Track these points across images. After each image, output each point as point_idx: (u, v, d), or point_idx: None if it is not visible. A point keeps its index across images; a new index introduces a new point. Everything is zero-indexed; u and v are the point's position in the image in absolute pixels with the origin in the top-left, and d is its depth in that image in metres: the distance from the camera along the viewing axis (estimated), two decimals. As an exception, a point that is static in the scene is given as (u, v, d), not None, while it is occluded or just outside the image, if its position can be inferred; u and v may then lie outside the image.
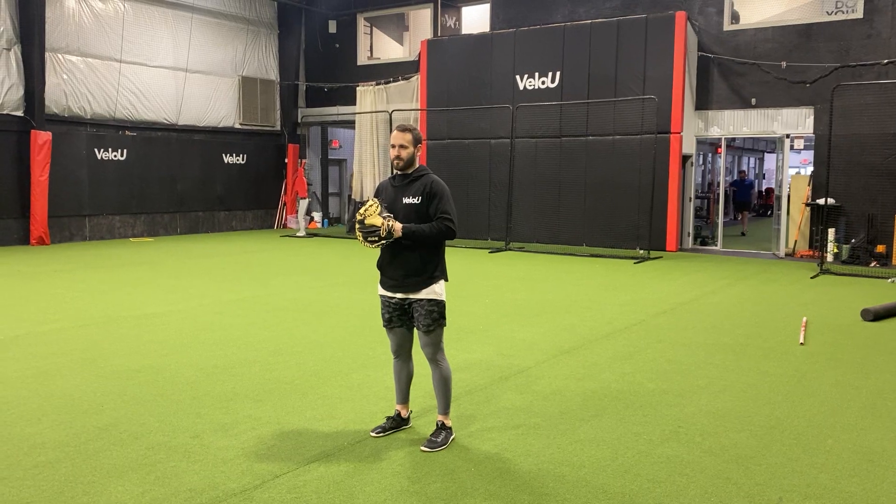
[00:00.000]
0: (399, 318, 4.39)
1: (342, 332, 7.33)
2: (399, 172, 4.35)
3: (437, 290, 4.29)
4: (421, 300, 4.27)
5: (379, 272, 4.42)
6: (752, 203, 24.73)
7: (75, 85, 15.97)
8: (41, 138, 15.11)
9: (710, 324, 7.87)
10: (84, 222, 16.49)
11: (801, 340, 7.04)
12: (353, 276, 11.35)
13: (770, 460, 4.13)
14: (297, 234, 18.21)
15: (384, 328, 4.50)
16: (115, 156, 16.87)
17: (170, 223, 18.23)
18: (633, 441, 4.40)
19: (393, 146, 4.30)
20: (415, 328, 4.38)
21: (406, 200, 4.27)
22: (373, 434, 4.43)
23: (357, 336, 7.16)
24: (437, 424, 4.41)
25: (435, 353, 4.34)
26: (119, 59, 16.69)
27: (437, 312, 4.28)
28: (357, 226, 4.17)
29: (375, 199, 4.21)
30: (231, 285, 10.31)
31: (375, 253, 4.36)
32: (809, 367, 6.15)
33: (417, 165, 4.33)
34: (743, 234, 19.28)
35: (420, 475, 3.90)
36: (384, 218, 4.12)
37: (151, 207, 17.76)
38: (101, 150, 16.61)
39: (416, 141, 4.31)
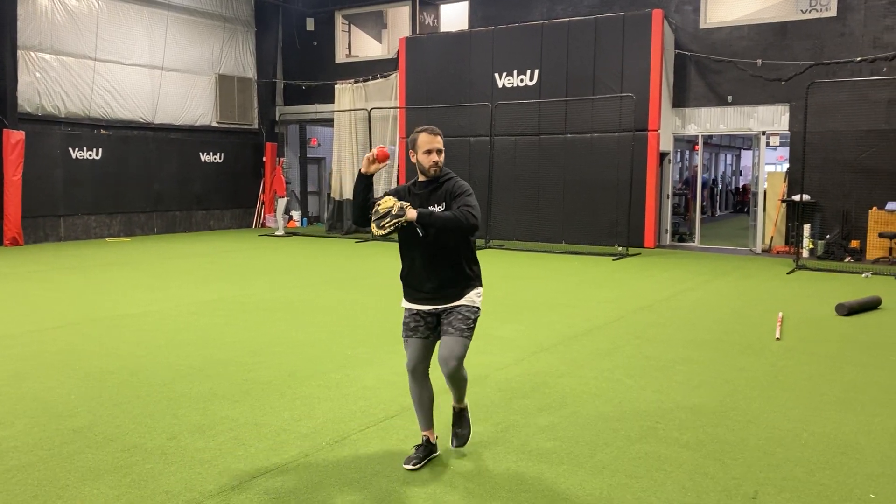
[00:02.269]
0: (426, 329, 3.94)
1: (321, 332, 7.29)
2: (424, 178, 3.94)
3: (473, 298, 3.92)
4: (458, 306, 3.89)
5: (403, 284, 3.99)
6: (703, 204, 22.58)
7: (49, 83, 15.75)
8: (14, 138, 14.88)
9: (688, 320, 7.93)
10: (59, 222, 16.28)
11: (777, 335, 7.12)
12: (333, 276, 11.31)
13: (746, 454, 4.16)
14: (276, 234, 18.10)
15: (404, 338, 4.00)
16: (90, 155, 16.67)
17: (146, 223, 18.04)
18: (611, 437, 4.42)
19: (429, 151, 3.85)
20: (441, 339, 3.91)
21: (432, 209, 3.86)
22: (407, 467, 3.93)
23: (336, 336, 7.13)
24: (454, 411, 4.15)
25: (460, 368, 3.87)
26: (94, 57, 16.49)
27: (472, 320, 3.89)
28: (373, 220, 3.69)
29: (390, 196, 3.79)
30: (208, 285, 10.23)
31: (356, 250, 4.34)
32: (785, 361, 6.22)
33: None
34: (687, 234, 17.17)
35: (401, 474, 3.89)
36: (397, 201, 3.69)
37: (128, 207, 17.57)
38: (76, 149, 16.40)
39: None
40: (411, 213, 3.64)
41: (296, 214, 21.05)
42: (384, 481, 3.80)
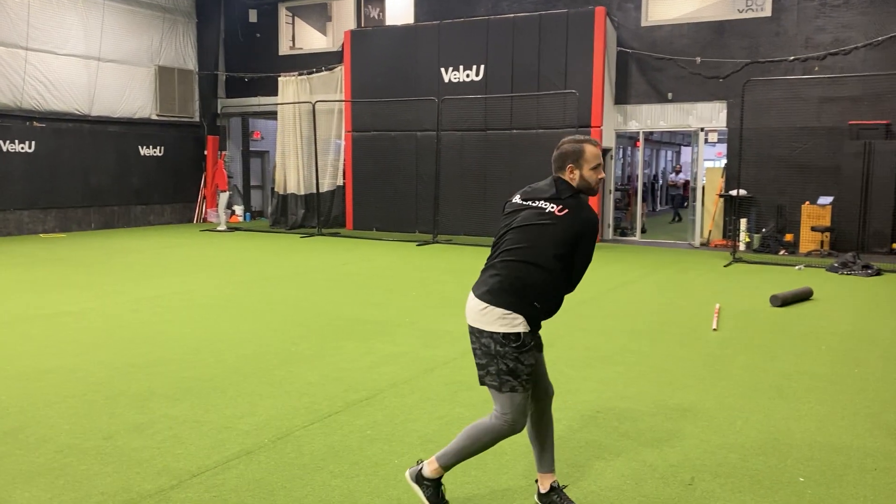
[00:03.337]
0: None
1: (263, 328, 7.20)
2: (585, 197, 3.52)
3: None
4: None
5: (543, 315, 3.30)
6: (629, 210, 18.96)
7: (-23, 73, 15.15)
8: (-60, 129, 14.27)
9: (628, 312, 8.08)
10: (-11, 218, 15.69)
11: (714, 326, 7.31)
12: (276, 271, 11.17)
13: (683, 442, 4.27)
14: (218, 229, 17.77)
15: (524, 384, 3.22)
16: (22, 148, 16.08)
17: (83, 218, 17.51)
18: (553, 427, 4.47)
19: (597, 167, 3.51)
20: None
21: None
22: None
23: (278, 332, 7.05)
24: (549, 491, 3.46)
25: None
26: (25, 46, 15.89)
27: None
28: None
29: None
30: (148, 281, 9.99)
31: (300, 245, 4.29)
32: (721, 351, 6.40)
33: None
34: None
35: (342, 469, 3.88)
36: None
37: (63, 202, 17.01)
38: (7, 141, 15.80)
39: None
40: None
41: (238, 209, 20.69)
42: (327, 477, 3.78)
